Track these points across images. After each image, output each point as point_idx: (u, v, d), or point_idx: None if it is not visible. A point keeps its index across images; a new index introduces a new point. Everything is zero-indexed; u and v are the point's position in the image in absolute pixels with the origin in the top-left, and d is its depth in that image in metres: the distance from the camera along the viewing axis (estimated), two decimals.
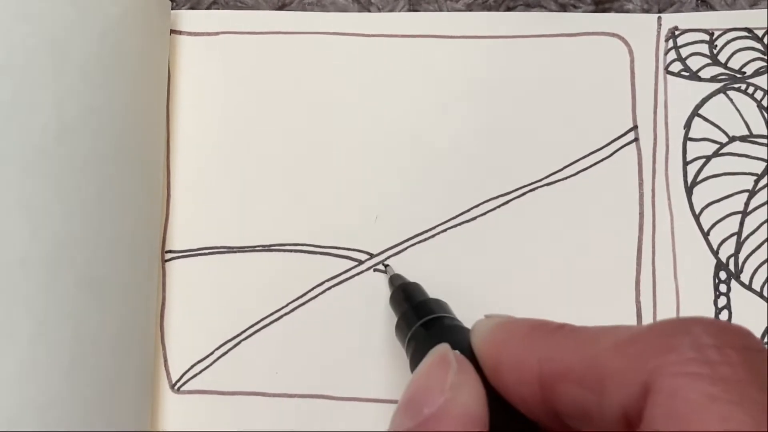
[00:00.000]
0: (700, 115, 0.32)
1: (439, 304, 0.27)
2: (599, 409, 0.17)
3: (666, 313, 0.31)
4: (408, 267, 0.31)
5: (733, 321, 0.31)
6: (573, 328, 0.19)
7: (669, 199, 0.32)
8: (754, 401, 0.15)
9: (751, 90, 0.32)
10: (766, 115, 0.32)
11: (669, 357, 0.16)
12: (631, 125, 0.32)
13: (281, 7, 0.34)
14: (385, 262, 0.31)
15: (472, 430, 0.18)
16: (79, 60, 0.27)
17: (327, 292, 0.32)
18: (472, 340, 0.21)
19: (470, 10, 0.33)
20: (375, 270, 0.32)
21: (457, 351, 0.20)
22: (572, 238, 0.32)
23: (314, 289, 0.32)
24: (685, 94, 0.32)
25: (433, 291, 0.28)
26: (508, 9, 0.33)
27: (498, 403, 0.19)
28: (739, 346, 0.16)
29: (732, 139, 0.32)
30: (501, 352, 0.19)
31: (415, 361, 0.24)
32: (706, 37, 0.33)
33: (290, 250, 0.32)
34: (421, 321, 0.25)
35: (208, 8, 0.34)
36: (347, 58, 0.33)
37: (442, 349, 0.20)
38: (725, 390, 0.15)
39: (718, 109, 0.32)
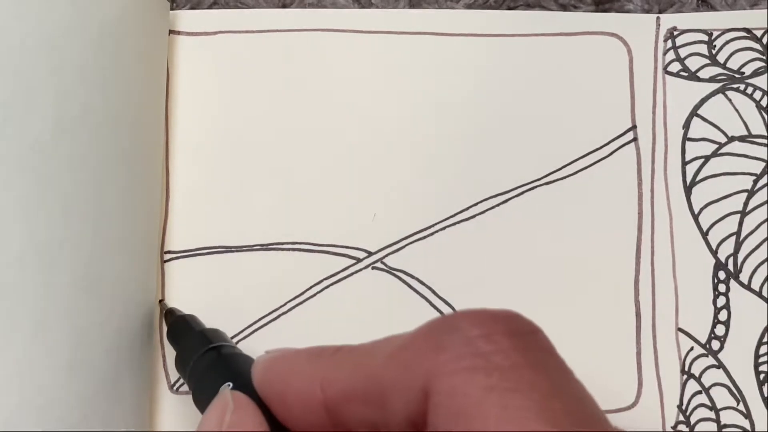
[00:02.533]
0: (698, 115, 0.32)
1: (217, 334, 0.27)
2: (385, 423, 0.16)
3: (665, 312, 0.31)
4: (406, 265, 0.31)
5: (733, 321, 0.31)
6: (350, 348, 0.19)
7: (668, 198, 0.32)
8: (530, 384, 0.15)
9: (750, 90, 0.32)
10: (764, 115, 0.32)
11: (442, 356, 0.15)
12: (629, 125, 0.32)
13: (282, 7, 0.34)
14: (160, 299, 0.31)
15: None
16: (77, 60, 0.27)
17: (325, 290, 0.31)
18: (254, 378, 0.20)
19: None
20: (373, 268, 0.32)
21: (237, 391, 0.21)
22: (571, 238, 0.31)
23: (312, 288, 0.32)
24: (683, 94, 0.32)
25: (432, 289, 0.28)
26: (509, 9, 0.33)
27: None
28: (508, 332, 0.15)
29: (731, 139, 0.32)
30: (283, 386, 0.19)
31: (198, 397, 0.24)
32: (705, 38, 0.33)
33: (288, 249, 0.32)
34: (203, 350, 0.25)
35: (209, 8, 0.34)
36: (346, 56, 0.33)
37: (224, 391, 0.21)
38: (501, 378, 0.15)
39: (717, 109, 0.32)
